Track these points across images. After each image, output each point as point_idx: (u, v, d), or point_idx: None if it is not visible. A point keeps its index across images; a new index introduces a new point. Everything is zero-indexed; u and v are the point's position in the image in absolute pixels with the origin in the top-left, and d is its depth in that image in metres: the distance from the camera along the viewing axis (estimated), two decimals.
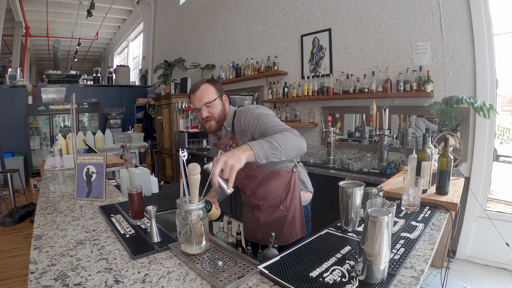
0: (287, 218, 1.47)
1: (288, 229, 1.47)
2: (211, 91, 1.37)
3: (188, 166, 0.96)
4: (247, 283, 0.84)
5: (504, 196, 2.98)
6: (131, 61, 10.82)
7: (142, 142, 5.56)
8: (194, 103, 1.38)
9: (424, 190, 1.46)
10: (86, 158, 1.75)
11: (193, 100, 1.38)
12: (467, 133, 2.60)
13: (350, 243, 1.04)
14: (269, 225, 1.47)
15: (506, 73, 2.61)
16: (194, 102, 1.37)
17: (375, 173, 2.70)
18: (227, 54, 5.16)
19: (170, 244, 1.06)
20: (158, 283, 0.84)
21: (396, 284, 0.79)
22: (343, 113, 3.52)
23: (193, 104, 1.38)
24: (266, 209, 1.49)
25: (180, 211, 0.98)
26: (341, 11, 3.42)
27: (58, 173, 2.52)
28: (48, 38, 9.79)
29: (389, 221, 0.76)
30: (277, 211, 1.47)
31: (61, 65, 11.05)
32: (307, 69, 3.80)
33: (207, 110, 1.36)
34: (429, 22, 2.75)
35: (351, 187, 1.11)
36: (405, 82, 2.84)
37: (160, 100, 6.12)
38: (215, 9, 5.38)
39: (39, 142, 6.45)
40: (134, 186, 1.31)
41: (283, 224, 1.47)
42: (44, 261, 0.98)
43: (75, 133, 2.22)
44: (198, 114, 1.40)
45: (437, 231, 1.13)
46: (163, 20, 7.57)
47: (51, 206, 1.60)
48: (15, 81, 6.63)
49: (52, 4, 8.06)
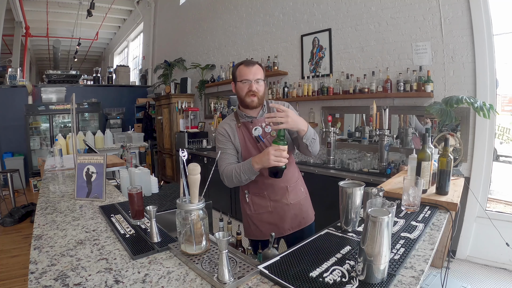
0: (307, 198, 1.66)
1: (310, 208, 1.66)
2: (263, 72, 1.50)
3: (188, 166, 0.96)
4: (247, 283, 0.84)
5: (504, 196, 2.98)
6: (131, 61, 10.82)
7: (142, 142, 5.56)
8: (246, 75, 1.44)
9: (424, 190, 1.46)
10: (86, 158, 1.75)
11: (246, 72, 1.45)
12: (467, 133, 2.60)
13: (350, 243, 1.04)
14: (297, 207, 1.57)
15: (506, 73, 2.61)
16: (247, 74, 1.44)
17: (375, 173, 2.70)
18: (227, 54, 5.16)
19: (170, 244, 1.06)
20: (158, 283, 0.84)
21: (396, 284, 0.79)
22: (343, 113, 3.52)
23: (245, 75, 1.44)
24: (291, 191, 1.57)
25: (180, 211, 0.98)
26: (341, 11, 3.42)
27: (58, 173, 2.52)
28: (48, 38, 9.79)
29: (389, 221, 0.76)
30: (299, 193, 1.61)
31: (61, 65, 11.06)
32: (307, 69, 3.80)
33: (255, 86, 1.45)
34: (429, 22, 2.75)
35: (351, 187, 1.11)
36: (405, 82, 2.84)
37: (160, 100, 6.13)
38: (215, 9, 5.38)
39: (39, 142, 6.45)
40: (134, 186, 1.31)
41: (307, 204, 1.65)
42: (44, 261, 0.98)
43: (75, 133, 2.22)
44: (244, 86, 1.45)
45: (437, 231, 1.13)
46: (163, 20, 7.57)
47: (51, 206, 1.60)
48: (15, 81, 6.63)
49: (52, 4, 8.06)
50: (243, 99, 1.48)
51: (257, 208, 1.58)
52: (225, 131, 1.53)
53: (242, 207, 1.67)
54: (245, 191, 1.61)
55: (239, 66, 1.49)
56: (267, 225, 1.56)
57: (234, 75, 1.52)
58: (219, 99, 5.32)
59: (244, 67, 1.46)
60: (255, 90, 1.44)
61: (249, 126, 1.52)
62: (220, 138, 1.53)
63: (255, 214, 1.59)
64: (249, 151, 1.50)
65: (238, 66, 1.50)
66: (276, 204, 1.55)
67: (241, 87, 1.47)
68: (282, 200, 1.55)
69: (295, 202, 1.57)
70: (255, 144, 1.51)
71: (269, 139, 1.49)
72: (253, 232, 1.60)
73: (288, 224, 1.56)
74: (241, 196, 1.67)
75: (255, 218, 1.59)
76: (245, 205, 1.63)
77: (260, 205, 1.57)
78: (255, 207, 1.58)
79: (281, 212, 1.55)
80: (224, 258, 0.81)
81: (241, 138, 1.51)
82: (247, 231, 1.66)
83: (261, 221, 1.58)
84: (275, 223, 1.56)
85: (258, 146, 1.50)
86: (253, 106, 1.48)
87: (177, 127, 5.70)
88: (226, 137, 1.52)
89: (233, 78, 1.53)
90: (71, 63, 12.23)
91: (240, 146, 1.51)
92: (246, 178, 1.40)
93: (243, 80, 1.45)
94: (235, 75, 1.50)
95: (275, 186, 1.54)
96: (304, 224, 1.60)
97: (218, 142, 1.54)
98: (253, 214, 1.59)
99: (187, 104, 5.75)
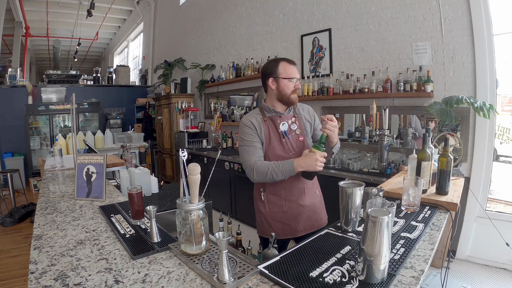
0: (321, 201, 1.68)
1: (323, 211, 1.69)
2: None
3: (188, 166, 0.96)
4: (247, 283, 0.84)
5: (504, 196, 2.97)
6: (131, 61, 10.82)
7: (142, 142, 5.57)
8: (294, 73, 1.51)
9: (424, 190, 1.46)
10: (86, 158, 1.75)
11: (293, 70, 1.52)
12: (467, 133, 2.60)
13: (350, 243, 1.04)
14: (311, 210, 1.59)
15: (506, 73, 2.61)
16: (295, 73, 1.52)
17: (375, 173, 2.70)
18: (227, 54, 5.16)
19: (170, 244, 1.06)
20: (158, 283, 0.84)
21: (396, 284, 0.79)
22: (343, 113, 3.52)
23: (292, 73, 1.51)
24: (307, 193, 1.58)
25: (180, 211, 0.98)
26: (341, 11, 3.42)
27: (58, 173, 2.52)
28: (48, 38, 9.79)
29: (389, 221, 0.76)
30: (314, 196, 1.63)
31: (61, 65, 11.06)
32: (307, 69, 3.80)
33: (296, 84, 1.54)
34: (429, 22, 2.75)
35: (351, 187, 1.11)
36: (405, 82, 2.84)
37: (160, 100, 6.13)
38: (215, 9, 5.38)
39: (39, 142, 6.45)
40: (134, 186, 1.31)
41: (321, 207, 1.67)
42: (44, 261, 0.98)
43: (75, 133, 2.22)
44: (291, 83, 1.50)
45: (437, 231, 1.13)
46: (163, 20, 7.57)
47: (51, 206, 1.60)
48: (15, 81, 6.63)
49: (52, 4, 8.06)
50: (288, 96, 1.51)
51: (271, 207, 1.57)
52: (252, 123, 1.52)
53: (255, 204, 1.66)
54: (260, 189, 1.59)
55: (281, 62, 1.51)
56: (280, 225, 1.56)
57: (273, 71, 1.51)
58: (219, 99, 5.32)
59: (289, 65, 1.51)
60: (297, 89, 1.52)
61: (277, 120, 1.54)
62: (247, 130, 1.51)
63: (269, 213, 1.58)
64: (273, 145, 1.52)
65: (279, 62, 1.52)
66: (291, 204, 1.55)
67: (287, 85, 1.50)
68: (298, 201, 1.55)
69: (310, 204, 1.58)
70: (279, 139, 1.53)
71: (294, 136, 1.55)
72: (266, 230, 1.59)
73: (302, 225, 1.56)
74: (255, 193, 1.65)
75: (269, 217, 1.58)
76: (260, 203, 1.61)
77: (275, 204, 1.56)
78: (269, 206, 1.58)
79: (296, 213, 1.55)
80: (224, 258, 0.81)
81: (266, 132, 1.52)
82: (260, 228, 1.65)
83: (275, 220, 1.57)
84: (289, 224, 1.55)
85: (282, 141, 1.53)
86: (295, 103, 1.55)
87: (177, 127, 5.70)
88: (253, 129, 1.51)
89: (270, 73, 1.52)
90: (71, 63, 12.23)
91: (264, 140, 1.52)
92: (282, 178, 1.42)
93: (291, 77, 1.50)
94: (277, 71, 1.50)
95: (292, 187, 1.54)
96: (317, 227, 1.60)
97: (243, 135, 1.52)
98: (267, 212, 1.58)
99: (187, 104, 5.75)
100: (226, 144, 4.86)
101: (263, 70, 1.57)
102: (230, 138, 4.86)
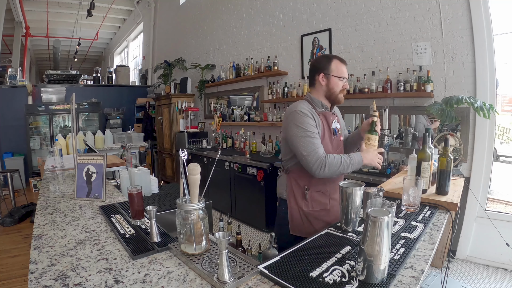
0: None
1: None
2: None
3: (188, 166, 0.96)
4: (247, 283, 0.84)
5: (504, 196, 2.97)
6: (131, 61, 10.82)
7: (142, 142, 5.57)
8: (345, 73, 1.53)
9: (424, 190, 1.46)
10: (86, 158, 1.75)
11: (344, 70, 1.52)
12: (467, 133, 2.60)
13: (350, 243, 1.04)
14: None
15: (506, 73, 2.61)
16: (345, 72, 1.53)
17: (375, 173, 2.70)
18: (227, 54, 5.16)
19: (170, 244, 1.06)
20: (158, 283, 0.84)
21: (396, 284, 0.79)
22: (343, 113, 3.50)
23: (344, 73, 1.52)
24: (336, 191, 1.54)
25: (180, 211, 0.98)
26: (341, 11, 3.42)
27: (58, 173, 2.52)
28: (48, 38, 9.79)
29: (389, 221, 0.76)
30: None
31: (61, 65, 11.06)
32: (307, 69, 3.80)
33: None
34: (429, 22, 2.75)
35: (351, 187, 1.11)
36: (405, 82, 2.84)
37: (160, 100, 6.13)
38: (215, 9, 5.38)
39: (39, 142, 6.45)
40: (134, 186, 1.31)
41: None
42: (44, 261, 0.98)
43: (75, 133, 2.22)
44: (341, 83, 1.52)
45: (437, 231, 1.13)
46: (163, 20, 7.57)
47: (51, 206, 1.60)
48: (15, 81, 6.63)
49: (52, 4, 8.06)
50: (336, 95, 1.52)
51: (316, 205, 1.53)
52: (311, 114, 1.45)
53: (293, 203, 1.56)
54: (304, 186, 1.52)
55: (334, 60, 1.51)
56: (322, 223, 1.51)
57: (325, 67, 1.50)
58: (219, 99, 5.32)
59: (341, 64, 1.51)
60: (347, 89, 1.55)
61: (329, 117, 1.53)
62: (308, 120, 1.42)
63: (313, 211, 1.53)
64: (326, 141, 1.49)
65: (332, 59, 1.51)
66: (335, 202, 1.53)
67: (337, 83, 1.50)
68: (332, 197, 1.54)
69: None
70: (330, 135, 1.52)
71: (338, 135, 1.58)
72: (305, 228, 1.53)
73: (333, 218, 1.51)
74: (295, 191, 1.56)
75: (311, 215, 1.53)
76: (302, 201, 1.54)
77: (319, 202, 1.53)
78: (313, 204, 1.53)
79: (336, 210, 1.49)
80: (224, 258, 0.81)
81: (321, 127, 1.48)
82: (296, 227, 1.57)
83: (317, 218, 1.53)
84: (330, 222, 1.50)
85: (333, 138, 1.53)
86: (341, 102, 1.55)
87: (177, 127, 5.70)
88: (313, 120, 1.44)
89: (322, 68, 1.51)
90: (71, 63, 12.23)
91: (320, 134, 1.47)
92: (350, 171, 1.43)
93: (342, 77, 1.50)
94: (329, 68, 1.50)
95: (336, 184, 1.50)
96: None
97: (304, 124, 1.41)
98: (311, 211, 1.53)
99: (187, 104, 5.76)
100: (226, 144, 4.86)
101: (314, 64, 1.56)
102: (230, 138, 4.86)
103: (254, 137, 4.37)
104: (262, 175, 3.45)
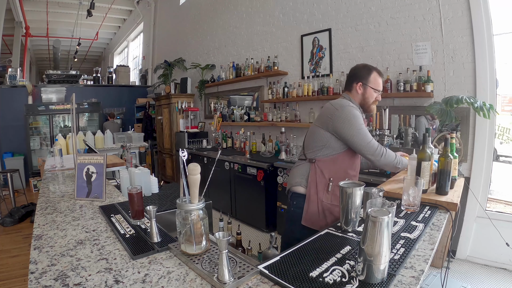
0: None
1: None
2: None
3: (188, 166, 0.96)
4: (247, 283, 0.84)
5: (504, 196, 2.97)
6: (131, 61, 10.82)
7: (142, 142, 5.56)
8: (380, 86, 1.61)
9: (424, 190, 1.46)
10: (86, 158, 1.75)
11: (380, 83, 1.60)
12: (467, 133, 2.60)
13: (350, 243, 1.04)
14: None
15: (506, 73, 2.61)
16: (381, 85, 1.60)
17: (375, 173, 2.69)
18: (227, 54, 5.16)
19: (170, 244, 1.06)
20: (158, 283, 0.84)
21: (396, 284, 0.79)
22: None
23: (379, 86, 1.60)
24: None
25: (180, 211, 0.98)
26: (341, 11, 3.42)
27: (58, 173, 2.52)
28: (48, 38, 9.80)
29: (389, 221, 0.76)
30: None
31: (61, 65, 11.07)
32: (307, 69, 3.80)
33: None
34: (429, 22, 2.75)
35: (351, 187, 1.11)
36: (405, 82, 2.84)
37: (160, 100, 6.13)
38: (215, 9, 5.39)
39: (39, 142, 6.45)
40: (134, 186, 1.31)
41: None
42: (44, 261, 0.98)
43: (75, 133, 2.22)
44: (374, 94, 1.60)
45: (437, 231, 1.13)
46: (163, 20, 7.57)
47: (51, 206, 1.60)
48: (15, 81, 6.64)
49: (52, 4, 8.06)
50: (369, 105, 1.61)
51: (334, 199, 1.54)
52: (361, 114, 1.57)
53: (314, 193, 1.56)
54: (329, 179, 1.54)
55: (374, 72, 1.58)
56: (333, 218, 1.52)
57: (365, 77, 1.58)
58: (219, 99, 5.32)
59: (379, 77, 1.59)
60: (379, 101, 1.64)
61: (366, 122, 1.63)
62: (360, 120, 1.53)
63: (330, 205, 1.54)
64: None
65: (372, 71, 1.59)
66: None
67: (372, 94, 1.59)
68: None
69: None
70: None
71: None
72: (319, 221, 1.53)
73: None
74: (318, 181, 1.56)
75: (329, 209, 1.54)
76: (323, 193, 1.54)
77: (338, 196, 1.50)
78: (333, 198, 1.54)
79: None
80: (224, 258, 0.81)
81: None
82: (311, 218, 1.56)
83: (332, 213, 1.53)
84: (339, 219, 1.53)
85: None
86: (372, 112, 1.65)
87: (177, 127, 5.70)
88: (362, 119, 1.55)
89: (361, 77, 1.59)
90: (71, 63, 12.23)
91: None
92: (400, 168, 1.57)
93: (378, 90, 1.59)
94: (368, 79, 1.58)
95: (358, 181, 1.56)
96: None
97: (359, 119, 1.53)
98: (330, 204, 1.54)
99: (187, 104, 5.76)
100: (226, 144, 4.86)
101: (353, 72, 1.62)
102: (230, 138, 4.86)
103: (254, 137, 4.37)
104: (262, 175, 3.45)
